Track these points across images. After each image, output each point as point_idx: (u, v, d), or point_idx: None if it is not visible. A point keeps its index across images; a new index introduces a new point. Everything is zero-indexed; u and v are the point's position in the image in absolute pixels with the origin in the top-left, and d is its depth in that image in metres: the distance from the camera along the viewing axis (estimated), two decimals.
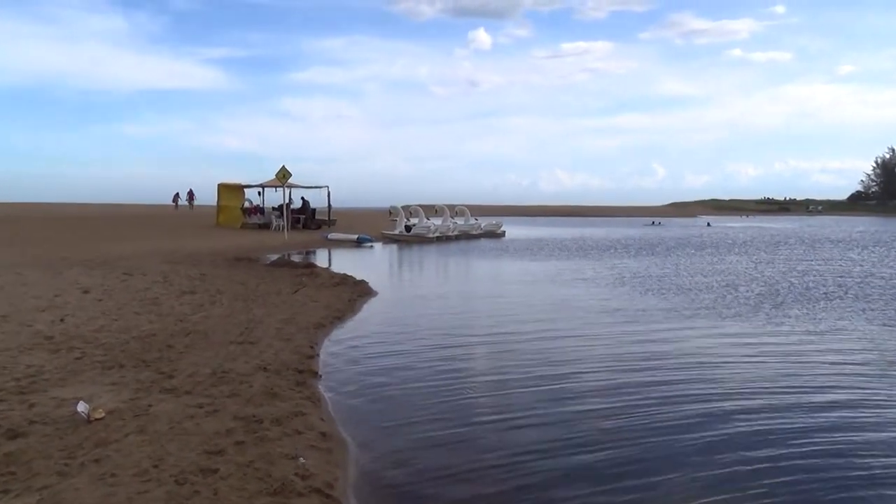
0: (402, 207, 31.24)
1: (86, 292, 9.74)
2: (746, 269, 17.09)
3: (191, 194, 45.01)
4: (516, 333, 8.26)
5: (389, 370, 6.45)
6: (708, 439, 4.71)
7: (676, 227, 53.96)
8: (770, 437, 4.76)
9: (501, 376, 6.28)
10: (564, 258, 20.42)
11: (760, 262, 19.48)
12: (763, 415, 5.21)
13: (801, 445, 4.60)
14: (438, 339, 7.91)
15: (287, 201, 28.58)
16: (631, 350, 7.48)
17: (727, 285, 13.29)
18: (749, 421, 5.07)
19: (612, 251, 23.88)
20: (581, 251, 23.72)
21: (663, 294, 12.01)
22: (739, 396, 5.70)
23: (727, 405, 5.48)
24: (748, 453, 4.47)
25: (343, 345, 7.53)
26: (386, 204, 34.04)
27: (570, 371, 6.50)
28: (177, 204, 45.39)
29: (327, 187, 31.84)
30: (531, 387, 5.91)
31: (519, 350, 7.35)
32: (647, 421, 5.06)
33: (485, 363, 6.85)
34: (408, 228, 29.14)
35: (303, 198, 31.24)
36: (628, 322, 9.15)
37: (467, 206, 36.17)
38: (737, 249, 24.91)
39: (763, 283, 13.63)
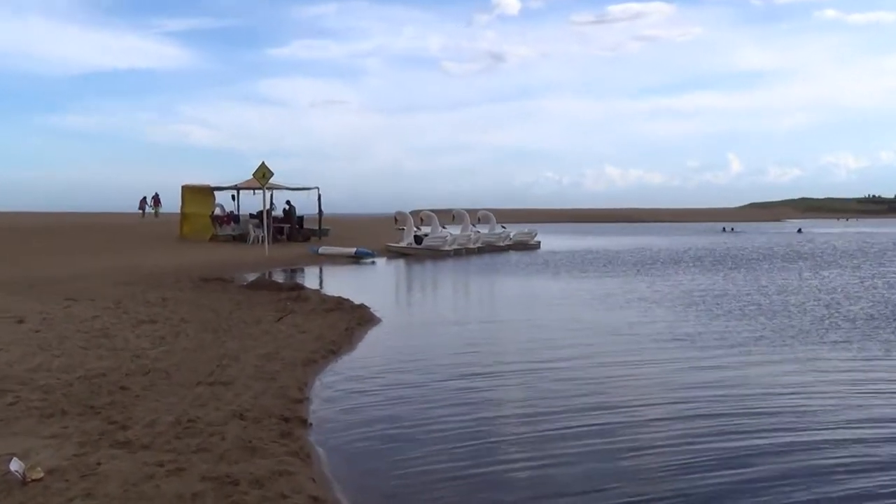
0: (411, 213, 31.43)
1: (20, 322, 9.84)
2: (851, 285, 16.90)
3: (156, 199, 45.68)
4: (554, 370, 8.23)
5: (396, 418, 6.39)
6: None
7: (757, 235, 53.49)
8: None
9: (534, 424, 6.20)
10: (617, 275, 20.41)
11: (868, 276, 19.20)
12: (881, 475, 5.08)
13: None
14: (457, 378, 7.87)
15: (268, 207, 28.80)
16: (702, 387, 7.42)
17: (828, 306, 13.13)
18: (860, 482, 4.93)
19: (677, 265, 23.73)
20: (638, 266, 23.63)
21: (745, 317, 12.02)
22: (846, 449, 5.55)
23: (830, 458, 5.35)
24: None
25: (339, 386, 7.51)
26: (390, 209, 34.31)
27: (622, 416, 6.42)
28: (144, 210, 46.23)
29: (317, 189, 32.01)
30: (573, 439, 5.81)
31: (557, 392, 7.26)
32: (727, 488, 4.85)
33: (514, 409, 6.75)
34: (418, 239, 29.30)
35: (288, 202, 31.41)
36: (699, 351, 9.18)
37: (492, 211, 36.20)
38: (838, 262, 24.61)
39: (874, 303, 13.30)
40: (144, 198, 46.87)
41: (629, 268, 22.87)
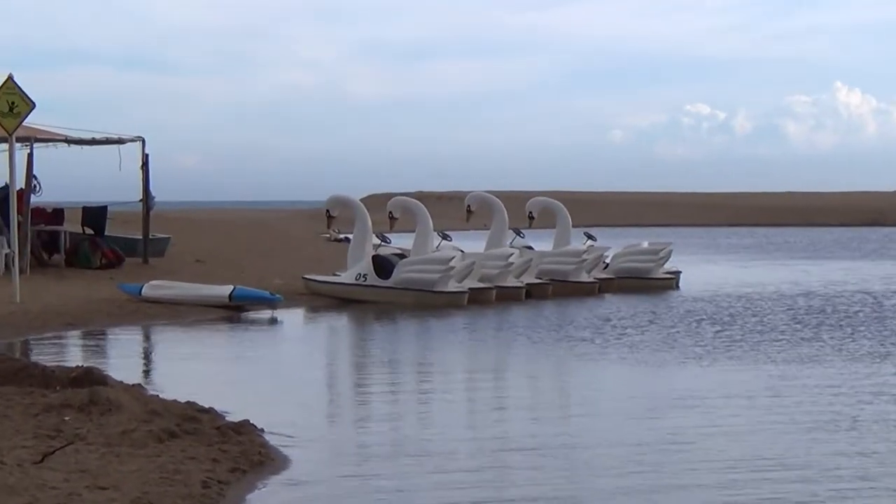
0: (365, 203, 32.18)
1: None
2: None
3: None
4: None
5: None
6: None
7: None
8: None
9: None
10: (882, 353, 20.63)
11: None
12: None
13: None
14: None
15: (28, 188, 29.16)
16: None
17: None
18: None
19: None
20: None
21: None
22: None
23: None
24: None
25: None
26: (318, 196, 33.75)
27: None
28: None
29: (141, 142, 32.79)
30: None
31: None
32: None
33: None
34: (381, 265, 29.57)
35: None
36: None
37: (562, 199, 36.93)
38: None
39: None
40: None
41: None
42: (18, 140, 26.44)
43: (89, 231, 32.37)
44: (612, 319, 25.94)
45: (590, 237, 35.23)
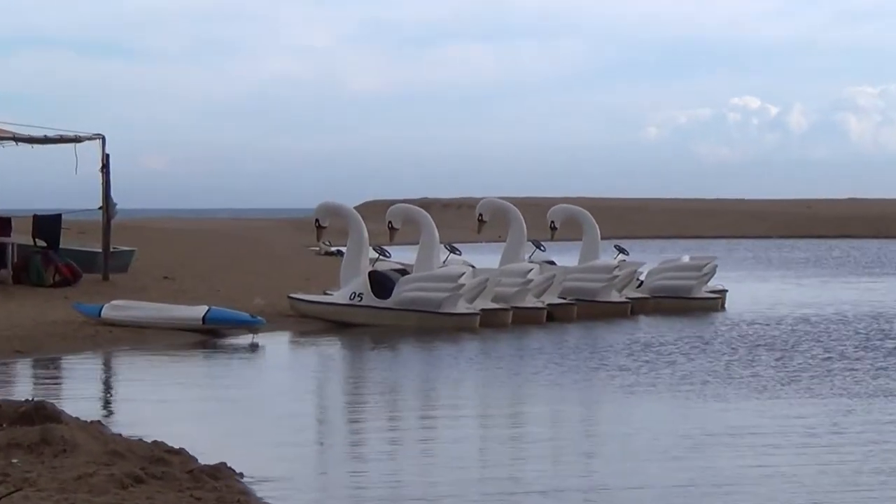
0: (360, 210, 31.82)
1: None
2: None
3: None
4: None
5: None
6: None
7: None
8: None
9: None
10: None
11: None
12: None
13: None
14: None
15: None
16: None
17: None
18: None
19: None
20: None
21: None
22: None
23: None
24: None
25: None
26: (306, 203, 33.60)
27: None
28: None
29: (101, 140, 33.03)
30: None
31: None
32: None
33: None
34: (380, 281, 29.58)
35: None
36: None
37: (586, 205, 37.23)
38: None
39: None
40: None
41: None
42: None
43: (41, 243, 32.44)
44: (653, 345, 26.01)
45: (621, 250, 35.37)
